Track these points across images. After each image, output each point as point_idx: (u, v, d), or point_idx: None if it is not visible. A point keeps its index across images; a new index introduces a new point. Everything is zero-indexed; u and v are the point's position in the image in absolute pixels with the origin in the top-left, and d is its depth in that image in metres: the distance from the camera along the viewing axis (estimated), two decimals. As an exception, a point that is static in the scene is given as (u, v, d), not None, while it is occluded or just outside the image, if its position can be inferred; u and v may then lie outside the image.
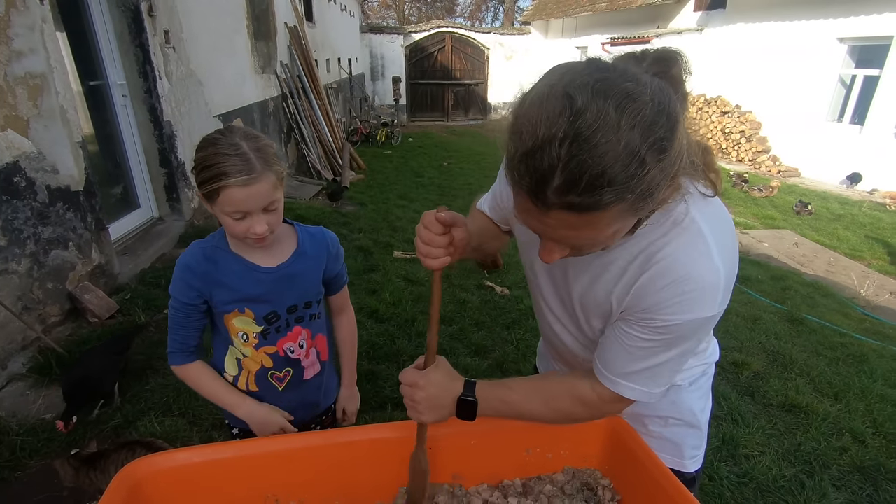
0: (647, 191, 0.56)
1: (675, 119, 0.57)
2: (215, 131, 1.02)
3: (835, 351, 3.33)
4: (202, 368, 1.18)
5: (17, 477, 1.91)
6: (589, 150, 0.52)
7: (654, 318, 0.74)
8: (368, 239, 4.77)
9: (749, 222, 6.45)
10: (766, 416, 2.58)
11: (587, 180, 0.53)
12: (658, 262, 0.73)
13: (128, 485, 0.84)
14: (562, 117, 0.53)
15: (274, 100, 6.62)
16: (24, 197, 2.58)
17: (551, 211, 0.57)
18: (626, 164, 0.53)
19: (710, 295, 0.71)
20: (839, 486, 2.16)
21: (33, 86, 2.62)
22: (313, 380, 1.28)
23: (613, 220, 0.59)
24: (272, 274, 1.12)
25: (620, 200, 0.55)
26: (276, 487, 0.95)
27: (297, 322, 1.19)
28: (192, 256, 1.10)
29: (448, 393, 0.87)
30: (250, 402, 1.18)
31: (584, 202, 0.55)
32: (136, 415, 2.22)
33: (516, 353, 2.97)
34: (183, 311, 1.11)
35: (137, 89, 3.84)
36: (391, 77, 14.10)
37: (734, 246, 0.78)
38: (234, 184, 0.95)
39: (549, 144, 0.53)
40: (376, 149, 9.81)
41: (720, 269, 0.71)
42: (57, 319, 2.79)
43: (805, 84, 8.69)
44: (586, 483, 1.03)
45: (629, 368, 0.80)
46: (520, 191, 0.60)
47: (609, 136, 0.52)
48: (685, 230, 0.72)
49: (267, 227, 1.02)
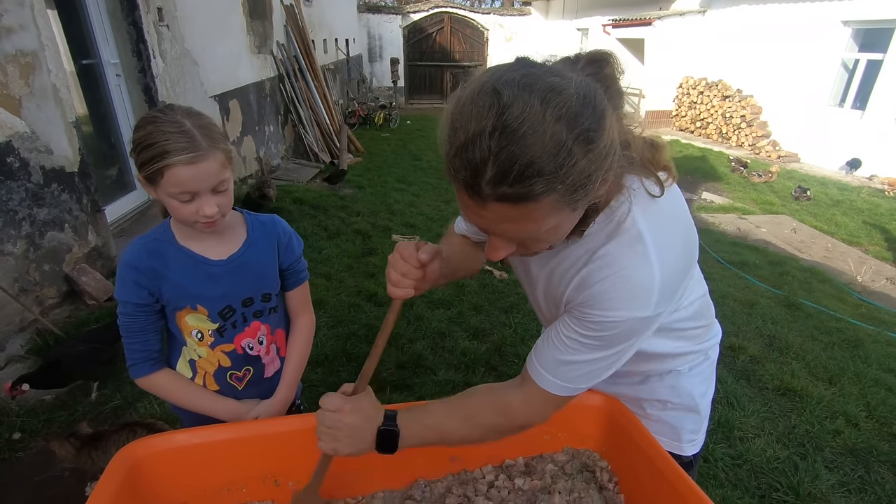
0: (578, 182, 0.58)
1: (602, 112, 0.59)
2: (153, 109, 0.96)
3: (830, 336, 3.35)
4: (171, 375, 1.11)
5: (19, 457, 1.92)
6: (516, 142, 0.55)
7: (588, 312, 0.75)
8: (367, 222, 4.75)
9: (748, 208, 6.44)
10: (762, 400, 2.61)
11: (517, 170, 0.55)
12: (597, 259, 0.75)
13: (127, 465, 0.84)
14: (490, 111, 0.55)
15: (270, 81, 6.52)
16: (19, 178, 2.55)
17: (488, 204, 0.60)
18: (554, 154, 0.55)
19: (643, 295, 0.72)
20: (832, 467, 2.20)
21: (24, 64, 2.57)
22: (274, 377, 1.21)
23: (549, 213, 0.61)
24: (223, 266, 1.06)
25: (551, 191, 0.57)
26: (274, 468, 0.96)
27: (256, 317, 1.13)
28: (134, 254, 1.02)
29: (371, 423, 0.81)
30: (229, 402, 1.14)
31: (517, 192, 0.57)
32: (135, 396, 2.23)
33: (514, 336, 2.99)
34: (137, 315, 1.04)
35: (131, 69, 3.78)
36: (389, 58, 13.88)
37: (682, 246, 0.78)
38: (178, 162, 0.89)
39: (480, 137, 0.56)
40: (374, 131, 9.71)
41: (655, 271, 0.72)
42: (54, 301, 2.78)
43: (807, 68, 8.60)
44: (585, 464, 1.04)
45: (559, 359, 0.80)
46: (459, 187, 0.62)
47: (536, 128, 0.54)
48: (625, 231, 0.74)
49: (217, 209, 0.96)
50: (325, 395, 0.82)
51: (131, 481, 0.83)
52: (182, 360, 1.13)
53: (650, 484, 0.91)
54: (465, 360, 2.71)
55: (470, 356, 2.73)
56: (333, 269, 3.68)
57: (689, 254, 0.81)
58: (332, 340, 2.80)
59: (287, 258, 1.16)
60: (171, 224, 1.06)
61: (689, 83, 10.74)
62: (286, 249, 1.16)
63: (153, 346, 1.08)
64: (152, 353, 1.08)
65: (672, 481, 0.85)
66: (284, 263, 1.16)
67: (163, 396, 1.12)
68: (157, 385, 1.10)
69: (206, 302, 1.06)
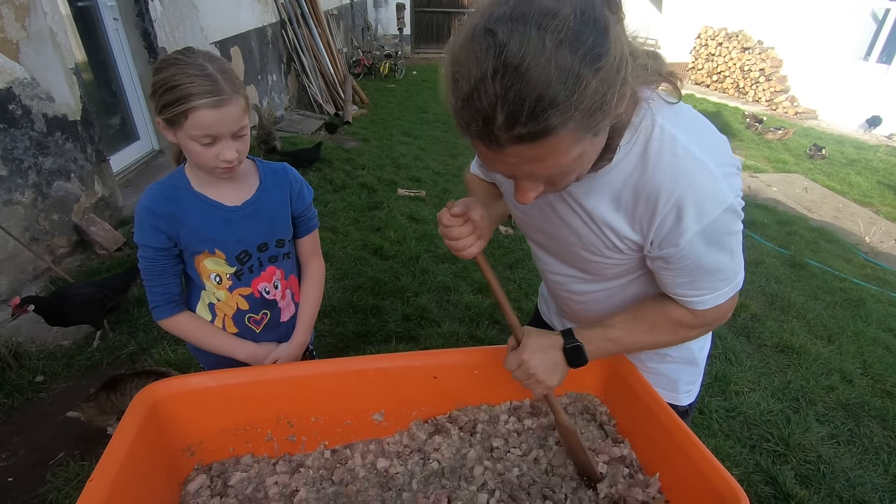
0: (593, 105, 0.55)
1: (605, 25, 0.55)
2: (174, 52, 0.94)
3: (833, 295, 3.37)
4: (192, 317, 1.14)
5: (42, 398, 2.02)
6: (521, 78, 0.52)
7: (682, 240, 0.74)
8: (372, 176, 4.71)
9: (760, 165, 6.32)
10: (760, 356, 2.66)
11: (528, 108, 0.53)
12: (651, 190, 0.73)
13: (147, 405, 0.88)
14: (488, 53, 0.53)
15: (272, 27, 6.29)
16: (22, 126, 2.53)
17: (506, 149, 0.58)
18: (563, 81, 0.53)
19: (711, 189, 0.71)
20: (823, 420, 2.27)
21: (20, 5, 2.49)
22: (289, 322, 1.25)
23: (571, 143, 0.59)
24: (238, 212, 1.08)
25: (568, 120, 0.55)
26: (288, 410, 1.00)
27: (271, 261, 1.15)
28: (152, 199, 1.03)
29: (553, 350, 0.88)
30: (248, 344, 1.17)
31: (532, 130, 0.55)
32: (149, 343, 2.30)
33: (518, 291, 3.02)
34: (157, 259, 1.05)
35: (129, 12, 3.65)
36: (395, 4, 13.28)
37: (710, 134, 0.76)
38: (203, 105, 0.89)
39: (483, 83, 0.53)
40: (379, 82, 9.45)
41: (706, 162, 0.71)
42: (66, 251, 2.83)
43: (834, 17, 8.17)
44: (586, 406, 1.09)
45: (706, 284, 0.81)
46: (473, 139, 0.60)
47: (538, 59, 0.52)
48: (660, 143, 0.72)
49: (237, 154, 0.97)
50: (505, 359, 0.90)
51: (151, 420, 0.88)
52: (201, 304, 1.16)
53: (647, 428, 0.96)
54: (469, 313, 2.76)
55: (474, 310, 2.78)
56: (339, 222, 3.69)
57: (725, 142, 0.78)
58: (338, 293, 2.85)
59: (298, 205, 1.18)
60: (185, 170, 1.07)
61: (708, 33, 10.27)
62: (297, 197, 1.17)
63: (174, 290, 1.10)
64: (173, 295, 1.10)
65: (667, 426, 0.89)
66: (296, 210, 1.18)
67: (184, 337, 1.16)
68: (180, 326, 1.12)
69: (223, 246, 1.08)
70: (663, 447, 0.90)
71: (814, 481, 1.95)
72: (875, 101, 7.74)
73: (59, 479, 1.69)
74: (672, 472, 0.90)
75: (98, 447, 1.80)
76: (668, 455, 0.90)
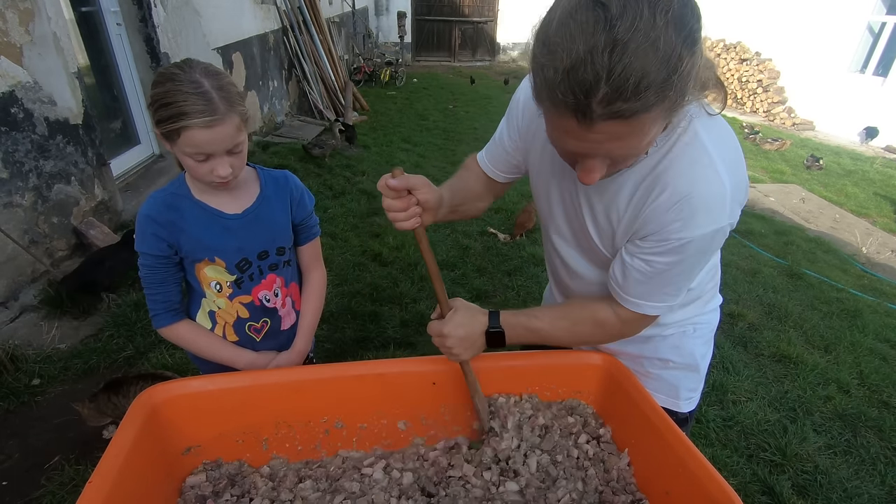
0: (683, 87, 0.57)
1: (698, 7, 0.57)
2: (172, 65, 0.94)
3: (830, 305, 3.38)
4: (192, 326, 1.14)
5: (38, 401, 2.01)
6: (631, 55, 0.52)
7: (667, 238, 0.76)
8: (371, 182, 4.72)
9: (758, 176, 6.35)
10: (757, 365, 2.66)
11: (632, 84, 0.53)
12: (663, 184, 0.75)
13: (147, 408, 0.88)
14: (598, 26, 0.53)
15: (274, 33, 6.33)
16: (23, 129, 2.54)
17: (596, 125, 0.58)
18: (667, 61, 0.53)
19: (717, 206, 0.73)
20: (820, 431, 2.27)
21: (24, 10, 2.51)
22: (290, 330, 1.25)
23: (654, 124, 0.59)
24: (238, 220, 1.08)
25: (663, 99, 0.56)
26: (286, 414, 1.00)
27: (271, 269, 1.15)
28: (153, 207, 1.03)
29: (474, 330, 0.92)
30: (248, 353, 1.17)
31: (632, 107, 0.55)
32: (147, 347, 2.30)
33: (517, 298, 3.03)
34: (157, 267, 1.05)
35: (132, 17, 3.67)
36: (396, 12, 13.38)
37: (739, 161, 0.78)
38: (195, 125, 0.89)
39: (592, 55, 0.53)
40: (380, 89, 9.49)
41: (725, 181, 0.72)
42: (64, 254, 2.83)
43: (831, 31, 8.26)
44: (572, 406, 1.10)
45: (649, 288, 0.82)
46: (562, 112, 0.59)
47: (648, 37, 0.52)
48: (688, 146, 0.73)
49: (231, 170, 0.97)
50: (428, 324, 0.95)
51: (151, 423, 0.88)
52: (201, 312, 1.16)
53: (643, 436, 0.96)
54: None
55: (472, 317, 2.78)
56: (339, 228, 3.70)
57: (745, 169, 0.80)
58: (337, 298, 2.85)
59: (299, 213, 1.18)
60: (186, 178, 1.08)
61: (707, 44, 10.34)
62: (298, 205, 1.17)
63: (174, 298, 1.10)
64: (173, 304, 1.10)
65: (663, 434, 0.89)
66: (297, 218, 1.18)
67: (184, 346, 1.15)
68: (179, 335, 1.12)
69: (223, 254, 1.08)
70: (660, 456, 0.90)
71: (811, 492, 1.94)
72: (871, 112, 7.80)
73: (55, 483, 1.68)
74: (669, 481, 0.90)
75: (94, 451, 1.80)
76: (664, 464, 0.90)
